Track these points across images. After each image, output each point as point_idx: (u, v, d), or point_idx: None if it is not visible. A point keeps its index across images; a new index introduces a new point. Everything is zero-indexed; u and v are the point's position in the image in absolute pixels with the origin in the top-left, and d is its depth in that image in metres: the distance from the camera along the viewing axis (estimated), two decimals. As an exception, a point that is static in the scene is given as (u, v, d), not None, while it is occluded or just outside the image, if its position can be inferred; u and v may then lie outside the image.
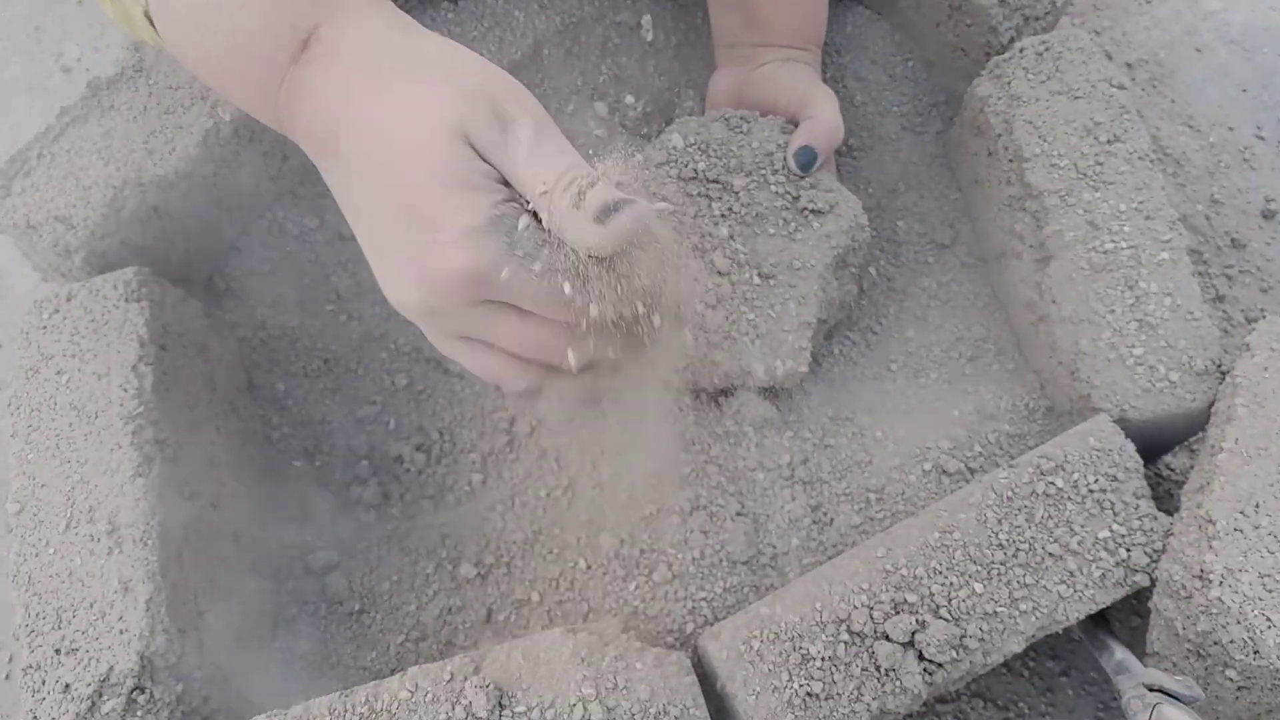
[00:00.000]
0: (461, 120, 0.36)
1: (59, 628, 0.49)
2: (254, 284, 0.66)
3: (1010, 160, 0.62)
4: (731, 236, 0.60)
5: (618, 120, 0.71)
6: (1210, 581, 0.46)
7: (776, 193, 0.60)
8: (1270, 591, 0.45)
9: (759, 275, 0.59)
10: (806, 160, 0.59)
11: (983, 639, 0.48)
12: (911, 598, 0.49)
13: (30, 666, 0.49)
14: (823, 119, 0.60)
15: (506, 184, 0.38)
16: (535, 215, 0.38)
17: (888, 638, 0.48)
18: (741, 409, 0.60)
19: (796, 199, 0.60)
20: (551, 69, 0.70)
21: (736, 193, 0.60)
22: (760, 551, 0.57)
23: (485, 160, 0.37)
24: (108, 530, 0.51)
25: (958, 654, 0.48)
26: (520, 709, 0.46)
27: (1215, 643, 0.46)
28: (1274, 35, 0.82)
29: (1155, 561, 0.50)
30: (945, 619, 0.48)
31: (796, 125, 0.62)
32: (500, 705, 0.46)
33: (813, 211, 0.60)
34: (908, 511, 0.58)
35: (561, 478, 0.61)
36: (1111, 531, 0.51)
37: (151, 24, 0.39)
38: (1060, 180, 0.59)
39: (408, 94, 0.37)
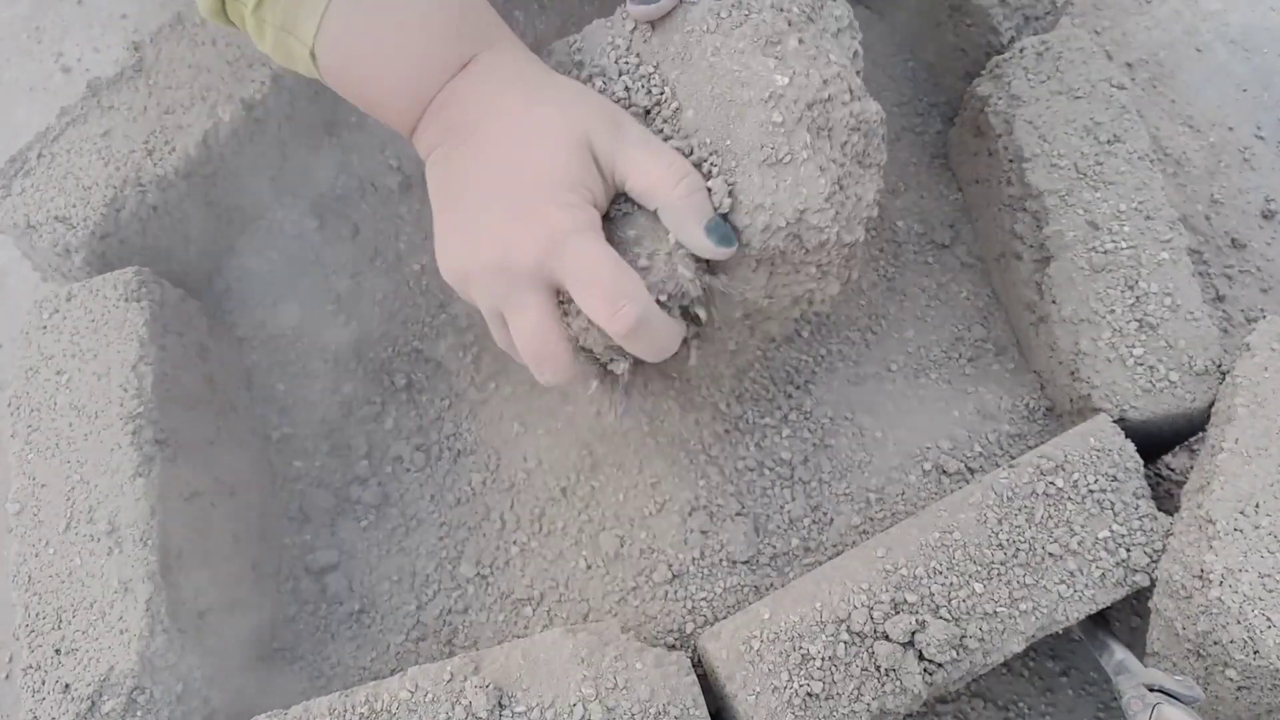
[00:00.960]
0: (588, 130, 0.44)
1: (59, 628, 0.49)
2: (254, 284, 0.66)
3: (1010, 160, 0.62)
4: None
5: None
6: (1210, 581, 0.46)
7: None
8: (1270, 591, 0.45)
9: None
10: None
11: (983, 639, 0.48)
12: (911, 598, 0.49)
13: (30, 666, 0.49)
14: None
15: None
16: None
17: (888, 638, 0.48)
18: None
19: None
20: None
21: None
22: (760, 551, 0.57)
23: (600, 163, 0.45)
24: (108, 530, 0.51)
25: (958, 654, 0.48)
26: (520, 709, 0.46)
27: (1215, 642, 0.46)
28: (1274, 35, 0.82)
29: (1155, 561, 0.50)
30: (945, 619, 0.48)
31: None
32: (500, 705, 0.46)
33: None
34: (908, 511, 0.58)
35: (561, 477, 0.61)
36: (1111, 531, 0.51)
37: (313, 61, 0.47)
38: (1060, 180, 0.59)
39: (549, 104, 0.45)
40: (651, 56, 0.48)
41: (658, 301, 0.45)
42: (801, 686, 0.47)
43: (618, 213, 0.47)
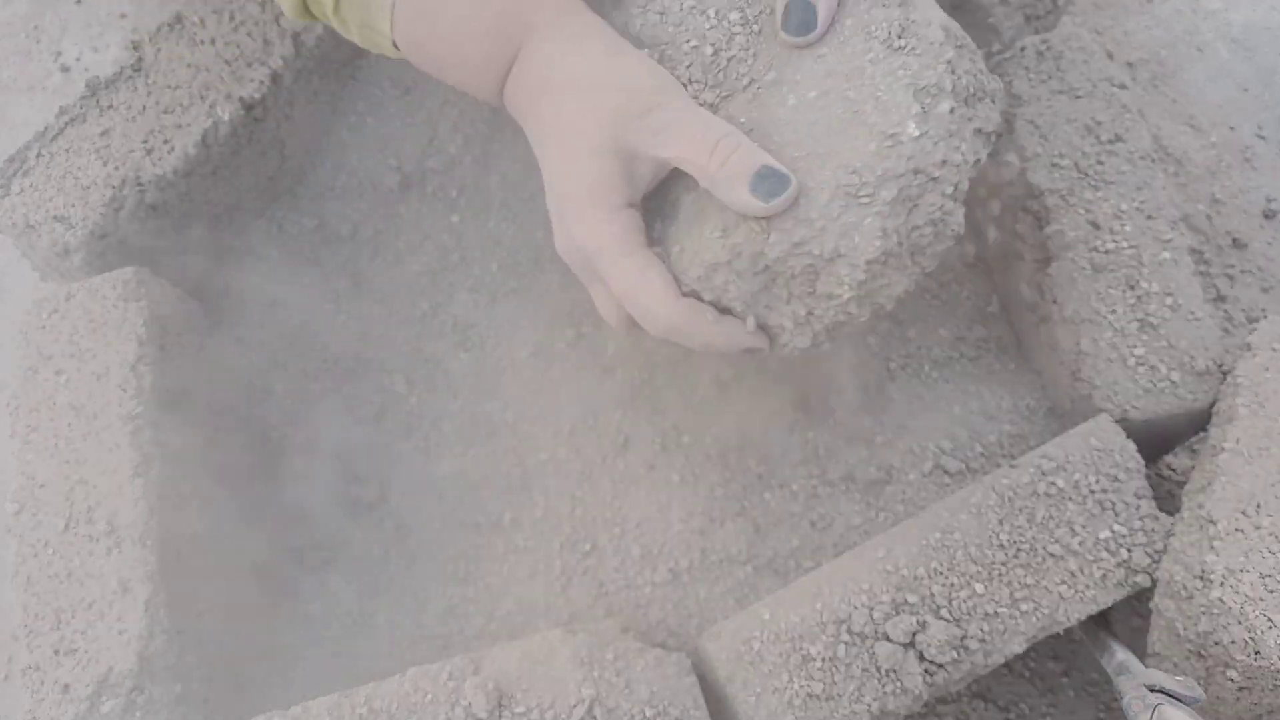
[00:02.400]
0: (613, 124, 0.43)
1: (58, 628, 0.49)
2: (253, 284, 0.66)
3: (1009, 152, 0.62)
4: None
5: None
6: (1211, 582, 0.46)
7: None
8: (1271, 592, 0.45)
9: None
10: (799, 20, 0.43)
11: (983, 639, 0.48)
12: (912, 598, 0.48)
13: (29, 667, 0.49)
14: None
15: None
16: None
17: (888, 638, 0.48)
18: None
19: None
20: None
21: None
22: (760, 552, 0.57)
23: (636, 152, 0.44)
24: (107, 530, 0.51)
25: (958, 654, 0.48)
26: (520, 709, 0.46)
27: (1216, 643, 0.46)
28: (1275, 35, 0.82)
29: (1156, 562, 0.50)
30: (946, 619, 0.48)
31: None
32: (500, 705, 0.46)
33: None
34: (908, 512, 0.58)
35: (562, 478, 0.61)
36: (1113, 532, 0.50)
37: (395, 45, 0.48)
38: (1061, 180, 0.59)
39: (574, 102, 0.45)
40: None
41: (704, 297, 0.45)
42: (802, 687, 0.47)
43: (664, 199, 0.46)
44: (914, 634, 0.48)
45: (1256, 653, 0.44)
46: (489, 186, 0.69)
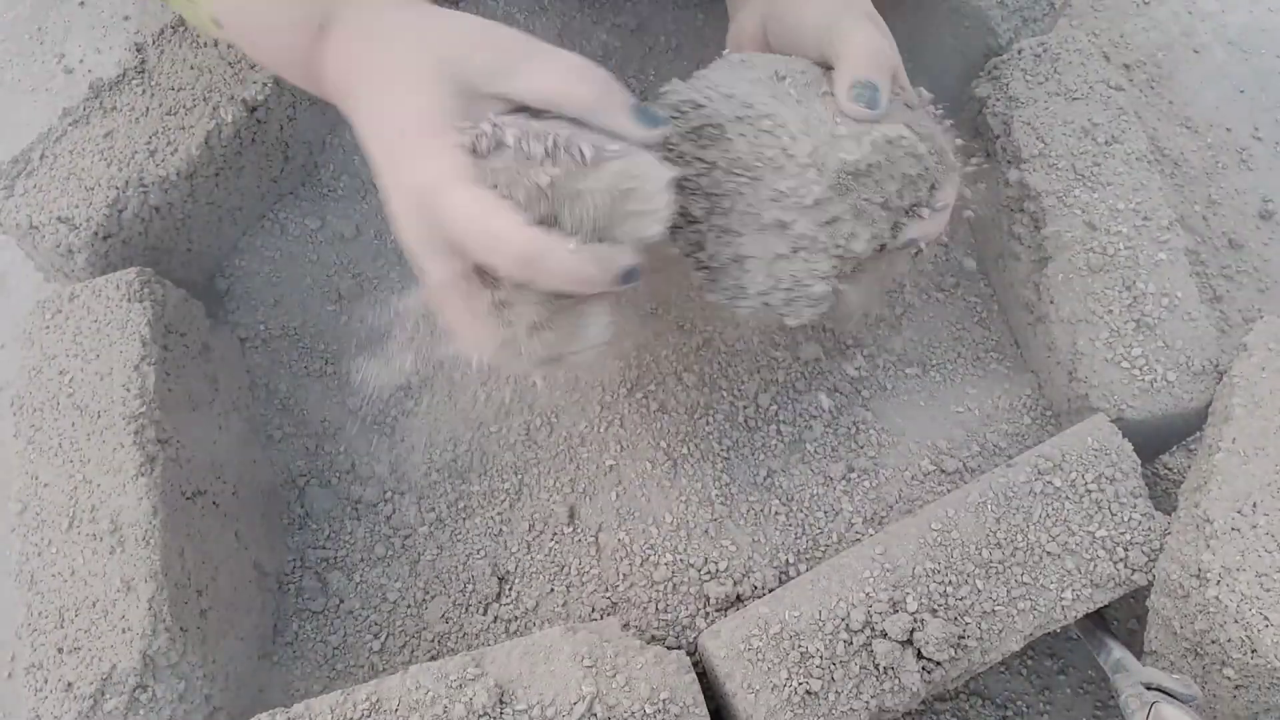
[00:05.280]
0: (453, 54, 0.41)
1: (61, 626, 0.50)
2: (256, 284, 0.66)
3: (1009, 161, 0.62)
4: None
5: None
6: (1208, 580, 0.46)
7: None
8: (1267, 590, 0.45)
9: None
10: (868, 97, 0.44)
11: (981, 637, 0.49)
12: (910, 596, 0.49)
13: (33, 665, 0.49)
14: (857, 46, 0.45)
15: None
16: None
17: (886, 636, 0.48)
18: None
19: None
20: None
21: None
22: (760, 550, 0.58)
23: (479, 85, 0.41)
24: (110, 529, 0.51)
25: (956, 652, 0.48)
26: (520, 707, 0.46)
27: (1213, 641, 0.46)
28: (1272, 36, 0.82)
29: (1153, 561, 0.50)
30: (944, 617, 0.48)
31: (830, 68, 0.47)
32: (501, 703, 0.46)
33: None
34: (906, 510, 0.59)
35: (563, 478, 0.61)
36: (1109, 531, 0.51)
37: (216, 22, 0.47)
38: (1058, 181, 0.60)
39: (406, 39, 0.42)
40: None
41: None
42: (800, 685, 0.47)
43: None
44: (912, 632, 0.48)
45: (1253, 651, 0.45)
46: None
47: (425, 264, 0.42)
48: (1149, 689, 0.46)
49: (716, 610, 0.56)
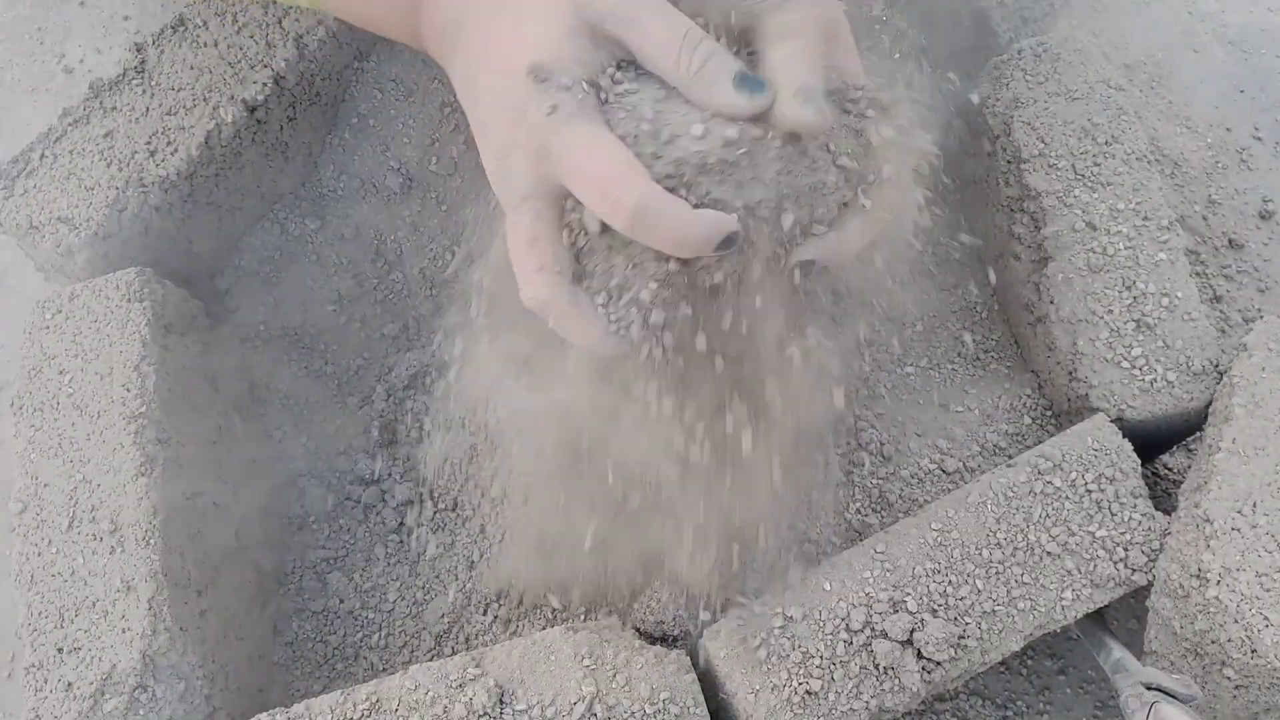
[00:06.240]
0: (581, 4, 0.38)
1: (61, 626, 0.50)
2: (256, 284, 0.66)
3: (1009, 161, 0.62)
4: None
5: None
6: (1208, 581, 0.46)
7: None
8: (1268, 591, 0.45)
9: None
10: (813, 106, 0.39)
11: (981, 638, 0.49)
12: (910, 596, 0.49)
13: (33, 665, 0.49)
14: (785, 25, 0.40)
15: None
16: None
17: (886, 636, 0.48)
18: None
19: None
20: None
21: None
22: (759, 551, 0.58)
23: (599, 24, 0.39)
24: (110, 529, 0.51)
25: (956, 652, 0.48)
26: (520, 707, 0.46)
27: (1213, 642, 0.46)
28: (1272, 36, 0.82)
29: (1153, 561, 0.50)
30: (943, 618, 0.48)
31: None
32: (501, 703, 0.46)
33: None
34: (906, 510, 0.59)
35: (563, 474, 0.61)
36: (1109, 531, 0.51)
37: None
38: (1058, 181, 0.60)
39: None
40: None
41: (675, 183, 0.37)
42: (800, 685, 0.47)
43: (625, 87, 0.40)
44: (912, 632, 0.48)
45: (1253, 651, 0.45)
46: (491, 189, 0.69)
47: (519, 210, 0.40)
48: (1149, 689, 0.46)
49: (717, 611, 0.56)
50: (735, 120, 0.38)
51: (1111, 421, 0.54)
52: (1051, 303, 0.59)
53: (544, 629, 0.55)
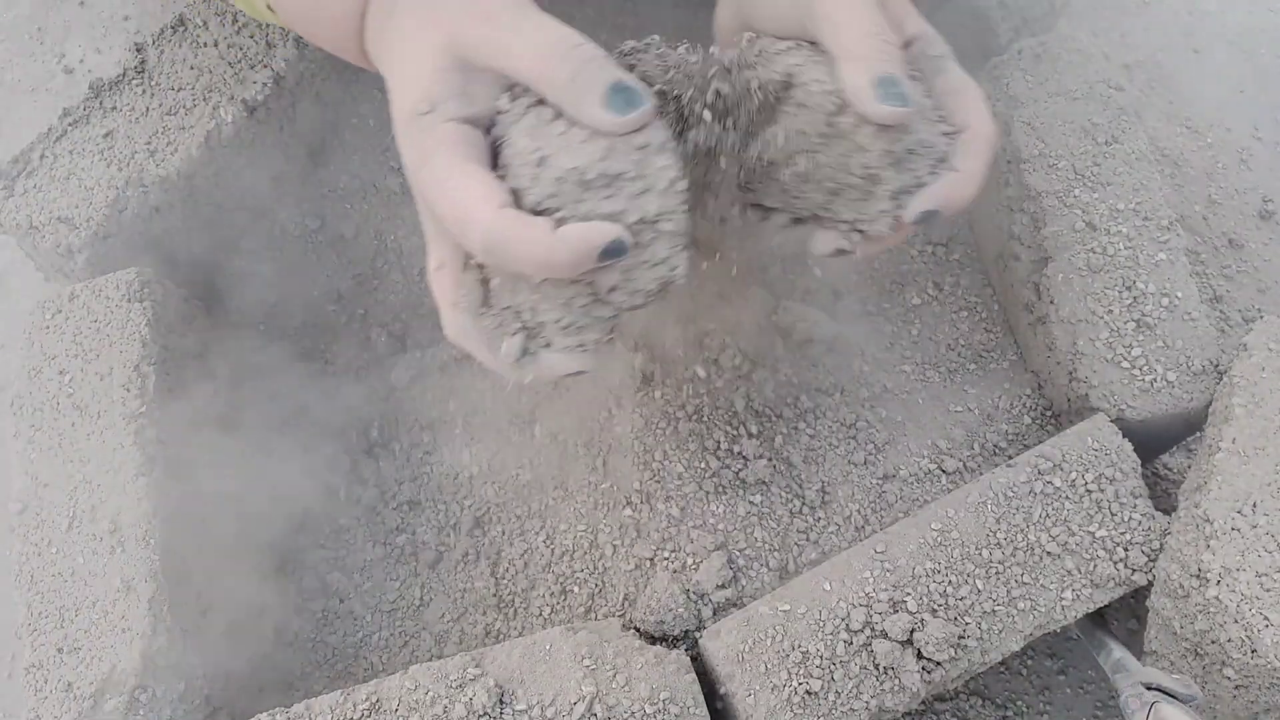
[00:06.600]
0: (450, 27, 0.39)
1: (61, 626, 0.50)
2: (256, 285, 0.66)
3: (1008, 161, 0.62)
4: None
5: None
6: (1208, 581, 0.46)
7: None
8: (1268, 591, 0.45)
9: None
10: (896, 94, 0.39)
11: (981, 638, 0.49)
12: (910, 596, 0.49)
13: (33, 665, 0.49)
14: (850, 20, 0.40)
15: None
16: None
17: (886, 636, 0.48)
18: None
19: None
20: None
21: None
22: (760, 551, 0.58)
23: (477, 58, 0.39)
24: (110, 530, 0.51)
25: (956, 652, 0.48)
26: (521, 707, 0.46)
27: (1213, 641, 0.46)
28: (1272, 36, 0.82)
29: (1153, 561, 0.50)
30: (943, 617, 0.48)
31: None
32: (501, 703, 0.46)
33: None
34: (906, 510, 0.59)
35: (565, 477, 0.61)
36: (1109, 531, 0.51)
37: (270, 9, 0.46)
38: (1058, 181, 0.60)
39: (411, 12, 0.41)
40: None
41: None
42: (800, 685, 0.47)
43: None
44: (912, 632, 0.48)
45: (1253, 651, 0.45)
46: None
47: (429, 241, 0.41)
48: (1149, 689, 0.46)
49: (717, 610, 0.56)
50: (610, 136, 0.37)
51: (1112, 421, 0.54)
52: (1051, 303, 0.59)
53: (544, 629, 0.55)
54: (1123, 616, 0.57)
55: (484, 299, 0.41)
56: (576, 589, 0.58)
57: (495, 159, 0.39)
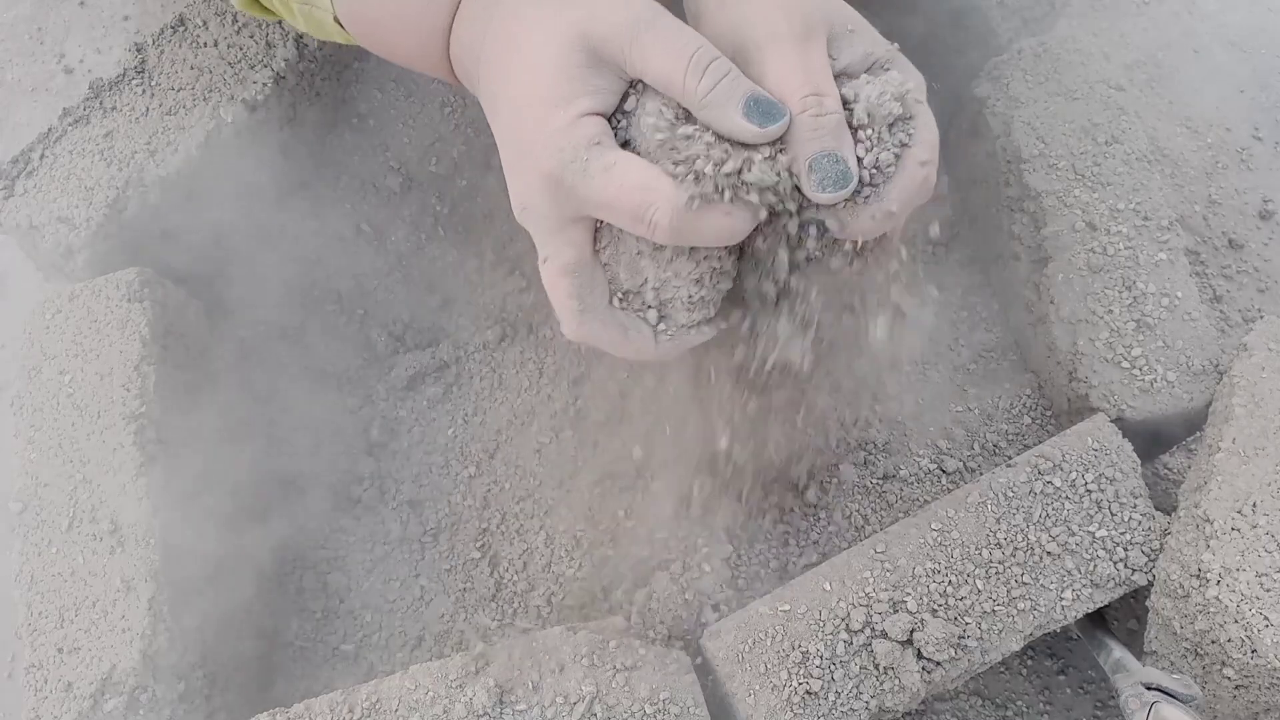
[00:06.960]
0: (584, 20, 0.38)
1: (61, 626, 0.50)
2: (255, 285, 0.66)
3: (1009, 161, 0.62)
4: None
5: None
6: (1208, 581, 0.46)
7: None
8: (1267, 590, 0.45)
9: None
10: (837, 174, 0.39)
11: (981, 638, 0.49)
12: (910, 596, 0.49)
13: (33, 665, 0.49)
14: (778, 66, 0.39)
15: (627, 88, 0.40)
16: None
17: (886, 636, 0.48)
18: None
19: None
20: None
21: None
22: (760, 551, 0.58)
23: (607, 55, 0.38)
24: (110, 529, 0.51)
25: (956, 652, 0.48)
26: (521, 706, 0.46)
27: (1213, 641, 0.46)
28: (1272, 36, 0.82)
29: (1153, 561, 0.50)
30: (943, 617, 0.48)
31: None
32: (501, 702, 0.46)
33: None
34: (906, 510, 0.59)
35: (565, 477, 0.61)
36: (1109, 531, 0.51)
37: (340, 25, 0.46)
38: (1058, 181, 0.60)
39: (533, 14, 0.40)
40: None
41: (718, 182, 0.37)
42: (800, 685, 0.47)
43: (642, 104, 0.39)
44: (912, 632, 0.48)
45: (1253, 651, 0.45)
46: (491, 189, 0.69)
47: (550, 245, 0.40)
48: (1149, 689, 0.46)
49: (717, 610, 0.56)
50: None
51: (1112, 421, 0.54)
52: (1051, 303, 0.59)
53: (544, 629, 0.55)
54: (1123, 616, 0.57)
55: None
56: (576, 589, 0.58)
57: None
